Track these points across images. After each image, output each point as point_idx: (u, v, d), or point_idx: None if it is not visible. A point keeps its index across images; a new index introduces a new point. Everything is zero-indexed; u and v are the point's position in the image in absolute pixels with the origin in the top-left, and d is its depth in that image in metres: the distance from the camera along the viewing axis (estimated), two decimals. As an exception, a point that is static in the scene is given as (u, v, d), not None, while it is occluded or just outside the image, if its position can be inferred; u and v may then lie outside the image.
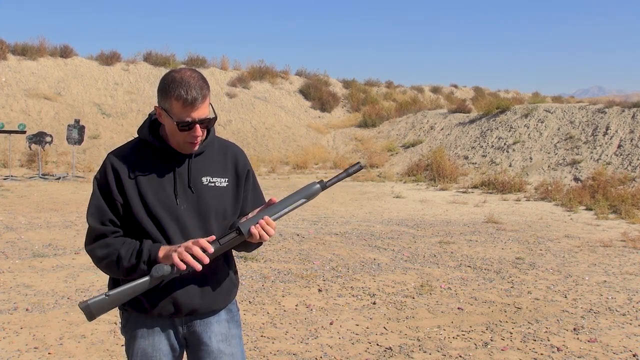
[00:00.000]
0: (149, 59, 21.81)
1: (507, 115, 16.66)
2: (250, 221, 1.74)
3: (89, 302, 1.65)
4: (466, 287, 5.38)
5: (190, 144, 1.76)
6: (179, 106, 1.68)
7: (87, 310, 1.65)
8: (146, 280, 1.68)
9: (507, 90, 30.79)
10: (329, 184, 1.84)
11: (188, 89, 1.68)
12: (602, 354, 3.80)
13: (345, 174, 1.86)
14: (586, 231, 8.46)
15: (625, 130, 13.58)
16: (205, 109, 1.73)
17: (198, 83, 1.70)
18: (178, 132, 1.73)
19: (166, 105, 1.71)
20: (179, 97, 1.67)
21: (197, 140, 1.76)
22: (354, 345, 3.91)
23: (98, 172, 1.80)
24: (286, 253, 6.63)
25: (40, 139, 14.08)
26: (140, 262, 1.70)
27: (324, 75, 25.55)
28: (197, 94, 1.68)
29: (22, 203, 10.10)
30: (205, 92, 1.71)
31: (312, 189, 1.80)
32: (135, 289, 1.68)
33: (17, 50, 19.41)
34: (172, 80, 1.70)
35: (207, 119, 1.74)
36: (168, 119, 1.72)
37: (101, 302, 1.65)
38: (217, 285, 1.84)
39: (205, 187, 1.82)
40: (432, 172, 14.77)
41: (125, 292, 1.68)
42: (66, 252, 6.42)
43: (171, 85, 1.69)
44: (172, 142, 1.78)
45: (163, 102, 1.72)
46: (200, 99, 1.69)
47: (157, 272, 1.66)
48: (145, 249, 1.71)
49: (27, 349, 3.74)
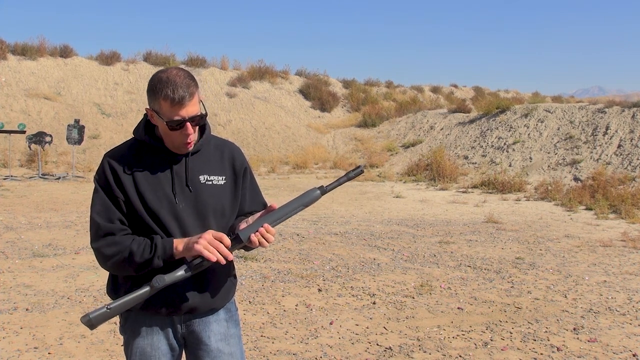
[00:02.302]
0: (149, 59, 21.81)
1: (507, 115, 16.67)
2: (250, 228, 1.74)
3: (90, 317, 1.65)
4: (466, 287, 5.38)
5: (185, 144, 1.76)
6: (167, 106, 1.68)
7: (89, 324, 1.66)
8: (146, 290, 1.68)
9: (507, 90, 30.79)
10: (328, 189, 1.83)
11: (175, 88, 1.67)
12: (602, 354, 3.80)
13: (345, 178, 1.85)
14: (586, 231, 8.46)
15: (625, 130, 13.58)
16: (195, 107, 1.72)
17: (184, 81, 1.69)
18: (170, 132, 1.73)
19: (155, 107, 1.72)
20: (166, 97, 1.67)
21: (190, 138, 1.75)
22: (354, 345, 3.92)
23: (97, 173, 1.80)
24: (286, 253, 6.63)
25: (40, 139, 14.08)
26: (155, 257, 1.69)
27: (324, 75, 25.55)
28: (184, 92, 1.68)
29: (22, 203, 10.10)
30: (192, 89, 1.70)
31: (312, 195, 1.80)
32: (135, 299, 1.68)
33: (17, 50, 19.41)
34: (158, 81, 1.70)
35: (197, 116, 1.73)
36: (159, 120, 1.72)
37: (102, 315, 1.66)
38: (217, 284, 1.84)
39: (203, 185, 1.82)
40: (432, 172, 14.77)
41: (126, 303, 1.68)
42: (66, 252, 6.42)
43: (158, 85, 1.69)
44: (167, 143, 1.78)
45: (152, 103, 1.73)
46: (187, 97, 1.69)
47: (158, 283, 1.67)
48: (159, 243, 1.70)
49: (27, 349, 3.74)
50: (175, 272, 1.68)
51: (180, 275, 1.69)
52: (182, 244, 1.70)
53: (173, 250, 1.70)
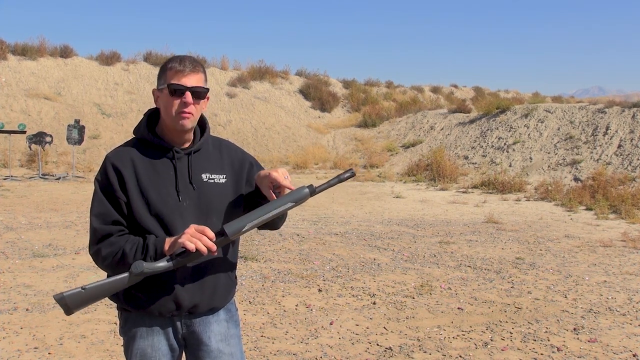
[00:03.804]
0: (149, 59, 21.80)
1: (507, 115, 16.66)
2: (236, 222, 1.73)
3: (64, 294, 1.61)
4: (466, 287, 5.38)
5: (182, 115, 1.76)
6: (172, 74, 1.77)
7: (62, 302, 1.61)
8: (125, 276, 1.65)
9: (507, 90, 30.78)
10: (318, 190, 1.81)
11: (182, 60, 1.78)
12: (602, 354, 3.80)
13: (336, 180, 1.83)
14: (586, 231, 8.46)
15: (625, 130, 13.58)
16: (199, 82, 1.79)
17: (192, 59, 1.81)
18: (170, 100, 1.75)
19: (161, 82, 1.79)
20: (172, 67, 1.77)
21: (189, 109, 1.76)
22: (354, 345, 3.92)
23: (99, 173, 1.80)
24: (286, 253, 6.63)
25: (40, 139, 14.08)
26: (147, 258, 1.70)
27: (324, 75, 25.55)
28: (189, 64, 1.77)
29: (22, 203, 10.10)
30: (198, 68, 1.79)
31: (301, 193, 1.78)
32: (113, 285, 1.66)
33: (17, 50, 19.41)
34: (168, 60, 1.82)
35: (199, 88, 1.78)
36: (162, 92, 1.78)
37: (78, 295, 1.62)
38: (217, 283, 1.84)
39: (205, 183, 1.83)
40: (432, 172, 14.77)
41: (103, 287, 1.65)
42: (66, 252, 6.42)
43: (166, 62, 1.81)
44: (167, 120, 1.79)
45: (159, 82, 1.81)
46: (191, 68, 1.77)
47: (136, 269, 1.64)
48: (150, 243, 1.71)
49: (27, 349, 3.74)
50: (157, 262, 1.67)
51: (163, 266, 1.67)
52: (169, 243, 1.70)
53: (164, 249, 1.70)
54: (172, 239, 1.71)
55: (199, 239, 1.66)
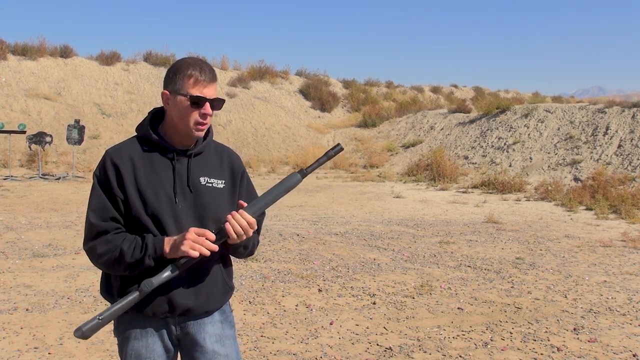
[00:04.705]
0: (149, 59, 21.81)
1: (507, 115, 16.67)
2: None
3: (84, 330, 1.66)
4: (466, 287, 5.38)
5: (199, 126, 1.77)
6: (192, 82, 1.74)
7: (83, 337, 1.67)
8: (135, 296, 1.69)
9: (507, 90, 30.79)
10: (308, 171, 1.82)
11: (202, 68, 1.75)
12: (602, 354, 3.80)
13: (325, 157, 1.84)
14: (586, 231, 8.46)
15: (625, 130, 13.58)
16: (216, 91, 1.79)
17: (209, 67, 1.79)
18: (188, 110, 1.74)
19: (176, 86, 1.75)
20: (191, 75, 1.74)
21: (207, 120, 1.78)
22: (354, 345, 3.91)
23: (97, 169, 1.79)
24: (286, 253, 6.63)
25: (40, 139, 14.09)
26: (146, 257, 1.69)
27: (324, 75, 25.56)
28: (210, 73, 1.77)
29: (22, 203, 10.10)
30: (215, 76, 1.79)
31: (293, 179, 1.80)
32: (125, 306, 1.69)
33: (17, 50, 19.41)
34: (184, 62, 1.77)
35: (218, 99, 1.78)
36: (178, 98, 1.75)
37: (95, 326, 1.67)
38: (212, 286, 1.84)
39: (203, 187, 1.82)
40: (432, 172, 14.77)
41: (116, 310, 1.68)
42: (66, 252, 6.42)
43: (183, 65, 1.76)
44: (180, 126, 1.78)
45: (173, 84, 1.76)
46: (212, 78, 1.77)
47: (147, 287, 1.68)
48: (149, 243, 1.70)
49: (27, 349, 3.74)
50: (161, 274, 1.69)
51: (167, 276, 1.69)
52: (169, 245, 1.70)
53: (164, 250, 1.70)
54: (172, 239, 1.71)
55: (201, 244, 1.66)
